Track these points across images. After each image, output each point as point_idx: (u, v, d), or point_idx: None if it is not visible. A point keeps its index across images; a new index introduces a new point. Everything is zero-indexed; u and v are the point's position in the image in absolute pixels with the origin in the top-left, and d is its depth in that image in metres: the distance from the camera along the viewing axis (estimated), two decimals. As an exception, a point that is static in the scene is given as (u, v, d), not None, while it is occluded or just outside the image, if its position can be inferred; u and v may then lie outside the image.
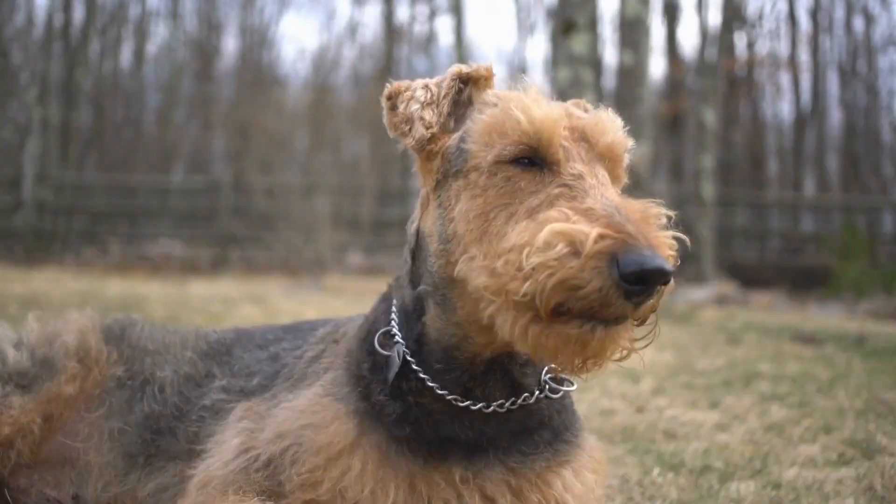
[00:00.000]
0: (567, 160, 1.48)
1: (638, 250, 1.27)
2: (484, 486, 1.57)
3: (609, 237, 1.28)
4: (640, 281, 1.27)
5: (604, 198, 1.39)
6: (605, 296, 1.28)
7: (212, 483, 1.62)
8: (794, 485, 2.52)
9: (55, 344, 2.00)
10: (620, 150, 1.57)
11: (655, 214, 1.40)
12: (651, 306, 1.34)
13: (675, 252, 1.39)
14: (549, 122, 1.48)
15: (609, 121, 1.60)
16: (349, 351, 1.74)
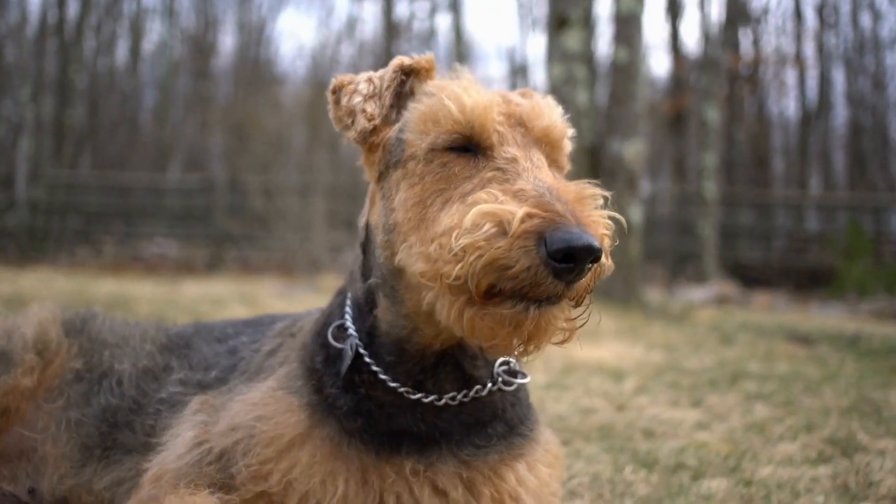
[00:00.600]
0: (501, 144, 1.48)
1: (566, 228, 1.25)
2: (435, 478, 1.56)
3: (537, 216, 1.27)
4: (568, 259, 1.25)
5: (536, 179, 1.38)
6: (534, 275, 1.27)
7: (165, 476, 1.60)
8: (767, 483, 2.50)
9: (13, 337, 1.98)
10: (558, 135, 1.57)
11: (590, 195, 1.38)
12: (585, 285, 1.32)
13: (610, 232, 1.37)
14: (479, 108, 1.49)
15: (546, 106, 1.59)
16: (304, 345, 1.73)
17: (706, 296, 12.55)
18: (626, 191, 8.75)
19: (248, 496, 1.54)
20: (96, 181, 19.58)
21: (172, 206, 19.23)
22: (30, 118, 18.69)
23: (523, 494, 1.61)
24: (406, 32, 31.41)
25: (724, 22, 17.79)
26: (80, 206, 18.37)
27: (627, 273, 8.56)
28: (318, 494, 1.53)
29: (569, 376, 4.30)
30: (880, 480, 2.59)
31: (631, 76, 8.83)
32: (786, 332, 7.23)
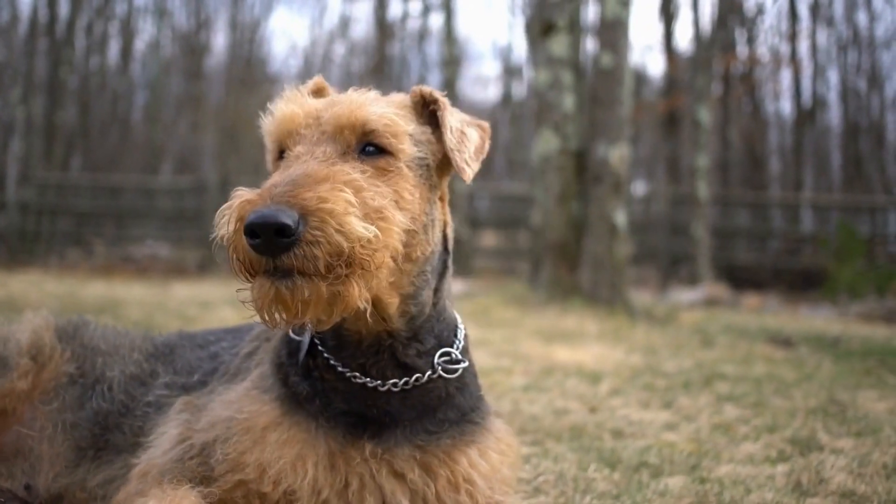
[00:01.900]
0: (294, 145, 1.66)
1: (255, 209, 1.41)
2: (393, 461, 1.71)
3: (251, 202, 1.44)
4: (253, 234, 1.40)
5: (293, 171, 1.53)
6: (245, 252, 1.44)
7: (151, 472, 1.74)
8: (723, 480, 2.64)
9: (9, 343, 2.11)
10: (346, 122, 1.65)
11: (326, 176, 1.50)
12: (304, 257, 1.42)
13: (341, 205, 1.45)
14: (282, 119, 1.70)
15: (341, 99, 1.73)
16: (275, 346, 1.87)
17: (696, 297, 12.63)
18: (612, 195, 8.89)
19: (227, 486, 1.68)
20: (87, 182, 19.59)
21: (164, 207, 19.26)
22: (20, 119, 18.67)
23: (476, 477, 1.76)
24: (399, 32, 31.50)
25: (716, 22, 17.87)
26: (70, 207, 18.38)
27: (613, 275, 8.70)
28: (290, 478, 1.67)
29: (547, 378, 4.44)
30: (831, 477, 2.74)
31: (616, 81, 8.96)
32: (768, 334, 7.36)
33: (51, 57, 20.88)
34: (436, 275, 1.81)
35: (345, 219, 1.43)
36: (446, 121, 1.78)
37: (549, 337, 6.20)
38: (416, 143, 1.74)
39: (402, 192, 1.64)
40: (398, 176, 1.66)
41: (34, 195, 18.03)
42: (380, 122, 1.67)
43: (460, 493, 1.77)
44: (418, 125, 1.78)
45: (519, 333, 6.32)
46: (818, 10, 26.62)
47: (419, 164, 1.73)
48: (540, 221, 9.34)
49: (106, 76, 27.29)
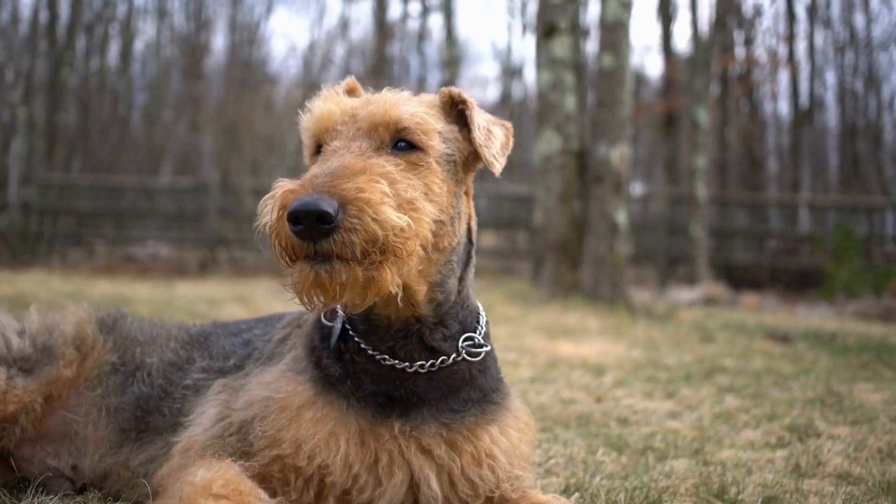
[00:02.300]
0: (331, 140, 1.78)
1: (298, 198, 1.52)
2: (420, 438, 1.83)
3: (293, 192, 1.56)
4: (296, 220, 1.51)
5: (331, 163, 1.64)
6: (289, 239, 1.56)
7: (193, 448, 1.86)
8: (725, 463, 2.77)
9: (54, 333, 2.23)
10: (380, 119, 1.78)
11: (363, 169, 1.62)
12: (345, 243, 1.54)
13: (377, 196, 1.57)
14: (320, 116, 1.82)
15: (379, 99, 1.84)
16: (307, 332, 2.00)
17: (694, 296, 12.75)
18: (613, 194, 9.02)
19: (265, 461, 1.80)
20: (88, 183, 19.68)
21: (164, 208, 19.36)
22: (22, 119, 18.74)
23: (497, 453, 1.89)
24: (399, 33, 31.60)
25: (714, 23, 17.98)
26: (72, 208, 18.46)
27: (614, 273, 8.83)
28: (324, 454, 1.79)
29: (552, 371, 4.57)
30: (828, 461, 2.87)
31: (617, 82, 9.10)
32: (766, 330, 7.50)
33: (51, 58, 20.94)
34: (461, 264, 1.94)
35: (380, 208, 1.55)
36: (474, 119, 1.90)
37: (552, 333, 6.34)
38: (445, 140, 1.86)
39: (431, 185, 1.76)
40: (428, 170, 1.78)
41: (36, 195, 18.12)
42: (411, 120, 1.79)
43: (483, 468, 1.89)
44: (446, 123, 1.90)
45: (522, 329, 6.46)
46: (815, 12, 26.73)
47: (447, 160, 1.85)
48: (542, 220, 9.47)
49: (106, 77, 27.33)
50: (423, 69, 31.96)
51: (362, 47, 32.87)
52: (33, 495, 2.02)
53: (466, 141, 1.92)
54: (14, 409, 2.08)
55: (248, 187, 16.30)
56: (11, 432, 2.10)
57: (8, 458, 2.14)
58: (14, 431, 2.10)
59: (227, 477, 1.67)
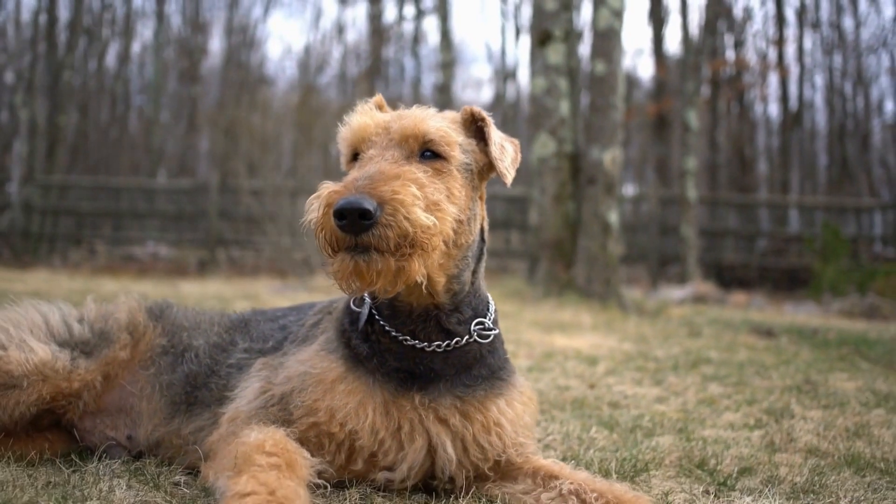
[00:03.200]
0: (367, 149, 2.06)
1: (344, 197, 1.80)
2: (437, 409, 2.12)
3: (337, 192, 1.84)
4: (341, 216, 1.80)
5: (369, 169, 1.92)
6: (333, 232, 1.84)
7: (239, 417, 2.15)
8: (706, 439, 3.07)
9: (109, 320, 2.52)
10: (410, 132, 2.06)
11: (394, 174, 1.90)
12: (382, 238, 1.81)
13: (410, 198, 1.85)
14: (357, 128, 2.10)
15: (409, 115, 2.14)
16: (338, 317, 2.29)
17: (684, 295, 13.02)
18: (605, 195, 9.34)
19: (303, 427, 2.09)
20: (89, 183, 19.89)
21: (164, 208, 19.57)
22: (24, 121, 18.93)
23: (504, 422, 2.18)
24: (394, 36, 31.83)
25: (703, 27, 18.30)
26: (73, 208, 18.68)
27: (606, 271, 9.14)
28: (354, 421, 2.08)
29: (548, 361, 4.87)
30: (799, 438, 3.18)
31: (609, 87, 9.41)
32: (752, 326, 7.81)
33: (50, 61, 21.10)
34: (474, 259, 2.23)
35: (412, 209, 1.84)
36: (491, 135, 2.20)
37: (548, 327, 6.64)
38: (464, 151, 2.16)
39: (452, 190, 2.05)
40: (450, 176, 2.07)
41: (37, 196, 18.31)
42: (437, 133, 2.08)
43: (491, 435, 2.19)
44: (466, 137, 2.20)
45: (519, 324, 6.76)
46: (805, 15, 27.09)
47: (465, 168, 2.15)
48: (537, 220, 9.78)
49: (104, 79, 27.51)
50: (417, 71, 32.25)
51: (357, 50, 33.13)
52: (98, 460, 2.30)
53: (483, 153, 2.22)
54: (77, 387, 2.37)
55: (247, 188, 16.51)
56: (75, 406, 2.38)
57: (72, 430, 2.43)
58: (78, 406, 2.39)
59: (275, 438, 1.95)
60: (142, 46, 30.56)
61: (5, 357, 2.28)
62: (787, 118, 26.40)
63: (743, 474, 2.63)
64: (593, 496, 2.04)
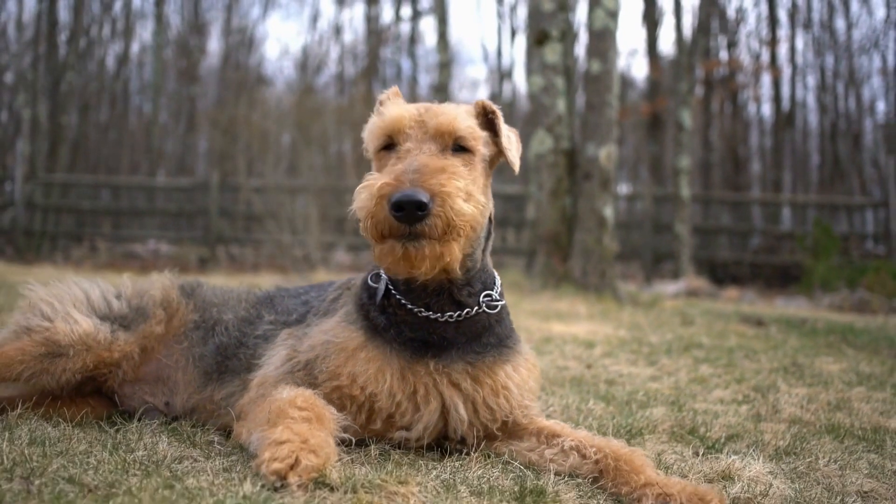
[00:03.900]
0: (404, 142, 2.24)
1: (400, 190, 2.01)
2: (450, 374, 2.33)
3: (390, 185, 2.04)
4: (398, 208, 2.00)
5: (412, 161, 2.12)
6: (388, 220, 2.03)
7: (267, 381, 2.36)
8: (696, 410, 3.29)
9: (145, 297, 2.72)
10: (446, 128, 2.26)
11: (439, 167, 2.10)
12: (432, 227, 2.03)
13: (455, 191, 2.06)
14: (392, 119, 2.27)
15: (442, 111, 2.32)
16: (356, 292, 2.50)
17: (678, 289, 13.22)
18: (601, 190, 9.57)
19: (327, 390, 2.30)
20: (91, 182, 20.06)
21: (164, 207, 19.74)
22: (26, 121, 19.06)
23: (511, 386, 2.39)
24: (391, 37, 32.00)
25: (696, 28, 18.51)
26: (75, 206, 18.82)
27: (601, 264, 9.37)
28: (373, 385, 2.29)
29: (547, 345, 5.09)
30: (784, 409, 3.40)
31: (604, 86, 9.64)
32: (742, 316, 8.04)
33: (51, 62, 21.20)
34: (485, 239, 2.44)
35: (456, 200, 2.05)
36: (501, 128, 2.42)
37: (546, 316, 6.86)
38: (484, 144, 2.37)
39: (476, 180, 2.26)
40: (474, 168, 2.28)
41: (40, 194, 18.46)
42: (467, 130, 2.29)
43: (500, 398, 2.40)
44: (482, 130, 2.41)
45: (518, 314, 6.96)
46: (797, 15, 27.34)
47: (483, 160, 2.36)
48: (534, 215, 10.01)
49: (104, 80, 27.64)
50: (414, 71, 32.45)
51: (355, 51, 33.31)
52: (138, 421, 2.51)
53: (493, 144, 2.43)
54: (118, 356, 2.57)
55: (250, 187, 16.70)
56: (116, 374, 2.59)
57: (113, 396, 2.64)
58: (118, 374, 2.60)
59: (305, 395, 2.17)
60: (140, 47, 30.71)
61: (52, 328, 2.48)
62: (780, 118, 26.66)
63: (730, 440, 2.85)
64: (592, 450, 2.26)
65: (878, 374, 4.60)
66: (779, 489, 2.21)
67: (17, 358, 2.42)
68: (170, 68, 30.49)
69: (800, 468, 2.48)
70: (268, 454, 1.88)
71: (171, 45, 30.40)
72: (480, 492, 1.98)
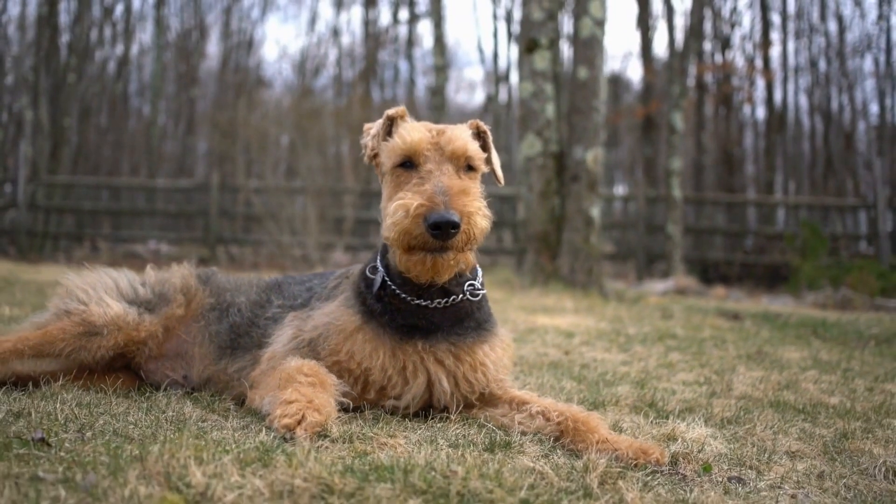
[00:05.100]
0: (424, 163, 2.58)
1: (436, 211, 2.36)
2: (436, 352, 2.70)
3: (424, 205, 2.39)
4: (437, 227, 2.35)
5: (437, 182, 2.47)
6: (423, 236, 2.39)
7: (276, 356, 2.73)
8: (658, 388, 3.68)
9: (166, 284, 3.10)
10: (461, 152, 2.61)
11: (463, 189, 2.47)
12: (459, 241, 2.40)
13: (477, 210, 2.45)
14: (413, 142, 2.60)
15: (456, 135, 2.66)
16: (354, 281, 2.87)
17: (666, 287, 13.52)
18: (588, 191, 9.97)
19: (328, 363, 2.67)
20: (93, 183, 20.37)
21: (165, 207, 20.06)
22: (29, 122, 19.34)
23: (488, 363, 2.77)
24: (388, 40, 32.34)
25: (689, 32, 18.85)
26: (77, 207, 19.14)
27: (588, 262, 9.77)
28: (368, 361, 2.66)
29: (530, 335, 5.47)
30: (736, 388, 3.78)
31: (592, 92, 10.04)
32: (720, 311, 8.41)
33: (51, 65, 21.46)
34: None
35: (477, 218, 2.44)
36: (491, 146, 2.82)
37: (532, 310, 7.24)
38: (485, 163, 2.75)
39: (479, 193, 2.62)
40: (477, 184, 2.66)
41: (42, 195, 18.78)
42: (475, 153, 2.66)
43: (478, 373, 2.77)
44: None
45: (507, 308, 7.35)
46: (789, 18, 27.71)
47: (480, 175, 2.74)
48: (524, 215, 10.40)
49: (104, 82, 27.93)
50: (411, 73, 32.81)
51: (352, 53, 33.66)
52: (163, 391, 2.89)
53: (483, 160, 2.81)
54: (144, 336, 2.95)
55: (249, 187, 17.04)
56: (142, 351, 2.97)
57: (139, 371, 3.01)
58: (144, 351, 2.97)
59: (310, 364, 2.55)
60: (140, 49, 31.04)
61: (87, 311, 2.86)
62: (773, 120, 27.05)
63: (684, 412, 3.22)
64: (555, 414, 2.63)
65: (835, 361, 4.99)
66: (714, 447, 2.59)
67: (60, 336, 2.79)
68: (169, 70, 30.82)
69: (739, 433, 2.86)
70: (279, 411, 2.26)
71: (170, 47, 30.73)
72: (457, 444, 2.35)
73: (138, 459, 1.84)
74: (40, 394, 2.65)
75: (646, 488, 2.04)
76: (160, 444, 2.00)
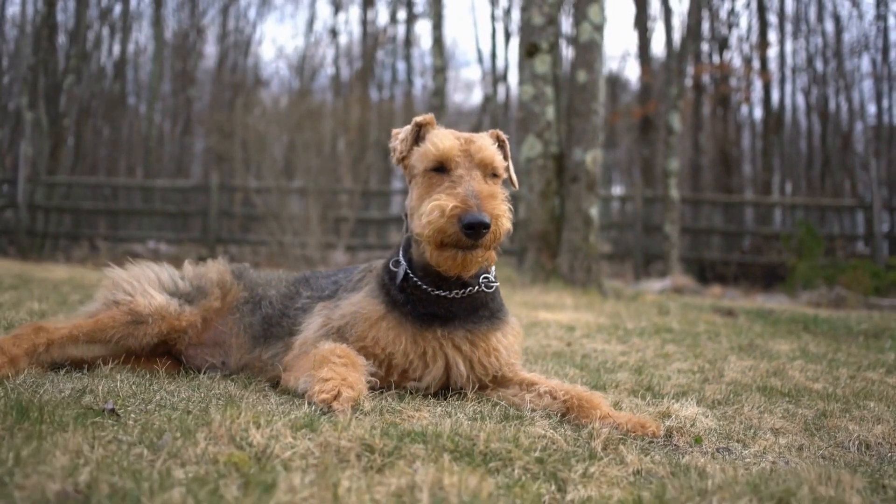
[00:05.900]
0: (456, 168, 2.84)
1: (471, 213, 2.62)
2: (453, 339, 2.97)
3: (459, 207, 2.65)
4: (470, 227, 2.62)
5: (469, 187, 2.73)
6: (457, 235, 2.65)
7: (307, 341, 3.01)
8: (653, 374, 3.96)
9: (203, 279, 3.37)
10: (489, 160, 2.88)
11: (491, 194, 2.74)
12: (487, 240, 2.64)
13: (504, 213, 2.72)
14: (445, 149, 2.85)
15: (484, 145, 2.93)
16: (378, 273, 3.14)
17: (663, 286, 13.78)
18: (587, 192, 10.27)
19: (355, 348, 2.93)
20: (93, 183, 20.58)
21: (164, 207, 20.26)
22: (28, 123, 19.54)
23: (501, 348, 3.05)
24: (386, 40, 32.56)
25: (686, 33, 19.13)
26: (77, 207, 19.37)
27: (587, 261, 10.06)
28: (391, 347, 2.94)
29: (533, 328, 5.76)
30: (727, 375, 4.07)
31: (590, 94, 10.34)
32: (716, 308, 8.70)
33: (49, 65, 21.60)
34: None
35: (503, 219, 2.70)
36: (509, 154, 3.10)
37: (534, 306, 7.53)
38: (505, 170, 3.02)
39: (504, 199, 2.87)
40: (499, 189, 2.90)
41: (42, 195, 18.99)
42: (500, 161, 2.93)
43: (491, 357, 3.05)
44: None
45: (509, 304, 7.58)
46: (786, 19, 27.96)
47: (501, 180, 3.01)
48: (525, 215, 10.70)
49: (102, 83, 28.13)
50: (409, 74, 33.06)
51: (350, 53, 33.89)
52: (204, 373, 3.17)
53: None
54: (185, 325, 3.22)
55: (250, 188, 17.28)
56: (183, 339, 3.24)
57: (180, 356, 3.29)
58: (184, 339, 3.24)
59: (342, 347, 2.83)
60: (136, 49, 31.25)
61: (134, 302, 3.13)
62: (770, 121, 27.34)
63: (678, 395, 3.51)
64: (561, 393, 2.92)
65: (822, 353, 5.28)
66: (705, 423, 2.87)
67: (110, 324, 3.06)
68: (167, 71, 31.03)
69: (728, 412, 3.14)
70: (317, 388, 2.54)
71: (168, 47, 30.94)
72: (474, 418, 2.64)
73: (205, 424, 2.12)
74: (97, 374, 2.93)
75: (643, 452, 2.32)
76: (221, 412, 2.28)
